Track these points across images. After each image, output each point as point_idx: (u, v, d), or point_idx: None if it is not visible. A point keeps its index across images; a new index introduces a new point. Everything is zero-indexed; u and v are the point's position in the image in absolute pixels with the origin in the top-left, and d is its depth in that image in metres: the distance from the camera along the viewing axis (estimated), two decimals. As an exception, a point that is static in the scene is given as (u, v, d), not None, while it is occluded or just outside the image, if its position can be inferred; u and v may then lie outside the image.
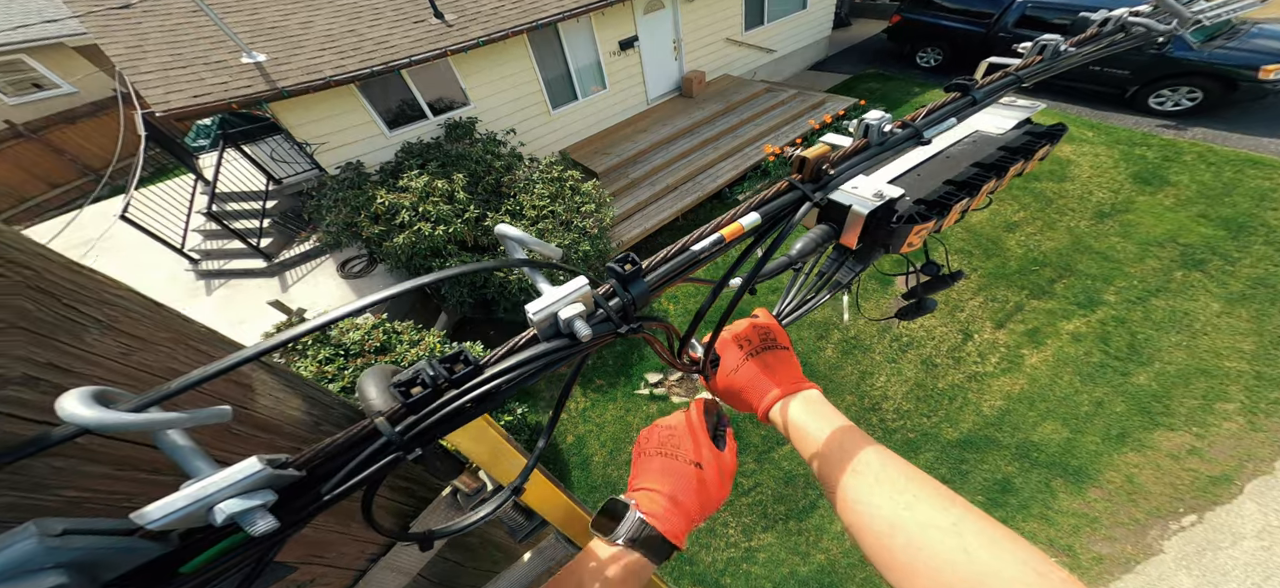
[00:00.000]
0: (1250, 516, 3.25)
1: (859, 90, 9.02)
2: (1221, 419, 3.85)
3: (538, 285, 0.49)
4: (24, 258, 0.38)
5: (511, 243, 0.51)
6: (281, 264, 6.84)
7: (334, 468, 0.39)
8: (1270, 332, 4.32)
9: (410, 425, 0.41)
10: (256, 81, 5.07)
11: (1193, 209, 5.71)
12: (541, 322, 0.46)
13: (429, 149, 6.08)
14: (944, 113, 0.76)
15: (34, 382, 0.36)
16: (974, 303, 5.25)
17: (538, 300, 0.46)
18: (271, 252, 6.95)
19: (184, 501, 0.31)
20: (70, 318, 0.40)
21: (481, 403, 0.43)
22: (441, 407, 0.42)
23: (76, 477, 0.38)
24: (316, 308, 5.62)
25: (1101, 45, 1.00)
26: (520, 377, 0.44)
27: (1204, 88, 7.01)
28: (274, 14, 5.90)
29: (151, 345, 0.46)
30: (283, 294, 6.42)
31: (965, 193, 0.80)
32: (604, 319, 0.49)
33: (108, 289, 0.44)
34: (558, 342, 0.46)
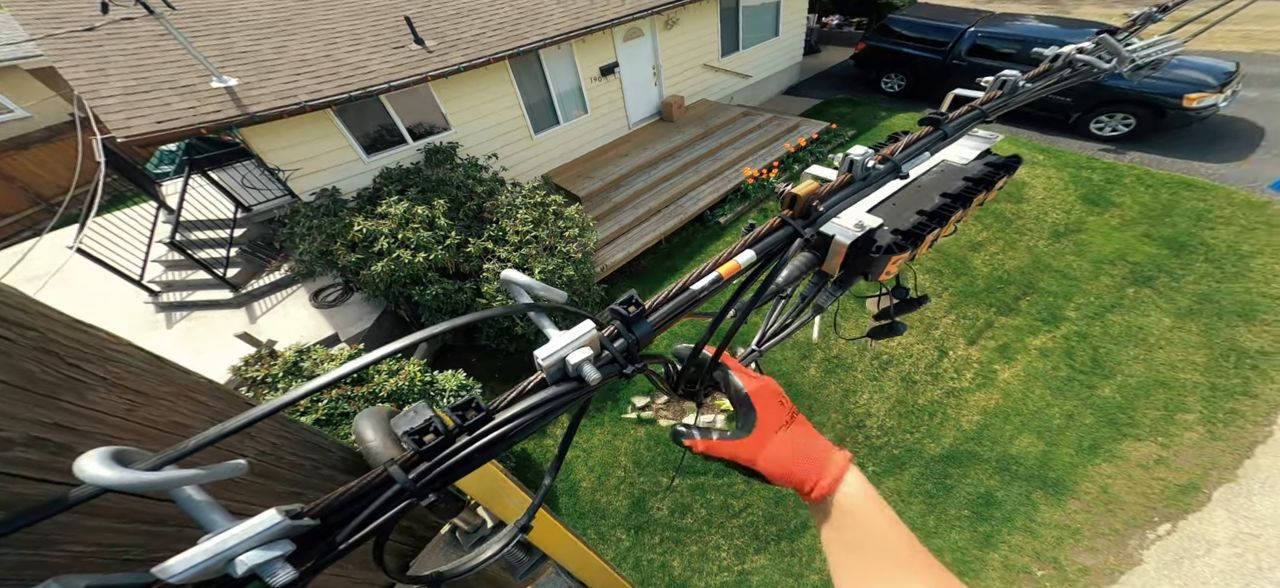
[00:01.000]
0: (1221, 523, 3.33)
1: (830, 114, 9.27)
2: (1183, 429, 3.98)
3: (545, 330, 0.49)
4: (28, 319, 0.39)
5: (517, 288, 0.51)
6: (249, 294, 6.47)
7: (347, 515, 0.39)
8: (1219, 345, 4.54)
9: (424, 472, 0.41)
10: (226, 106, 4.79)
11: (1137, 229, 6.02)
12: (551, 366, 0.46)
13: (408, 174, 5.87)
14: (919, 147, 0.78)
15: (39, 442, 0.36)
16: (947, 321, 5.34)
17: (547, 346, 0.46)
18: (239, 282, 6.56)
19: (205, 554, 0.31)
20: (73, 377, 0.40)
21: (493, 447, 0.43)
22: (455, 453, 0.42)
23: (81, 532, 0.39)
24: (287, 339, 5.26)
25: (1052, 80, 1.06)
26: (531, 421, 0.45)
27: (1137, 114, 7.48)
28: (246, 39, 5.63)
29: (154, 400, 0.46)
30: (250, 326, 6.07)
31: (936, 223, 0.83)
32: (610, 360, 0.49)
33: (110, 346, 0.45)
34: (566, 385, 0.47)
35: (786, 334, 0.97)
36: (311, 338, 5.54)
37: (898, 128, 7.34)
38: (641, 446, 4.71)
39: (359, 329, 5.77)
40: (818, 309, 0.96)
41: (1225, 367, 4.35)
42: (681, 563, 3.89)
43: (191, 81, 4.86)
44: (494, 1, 7.08)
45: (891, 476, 4.22)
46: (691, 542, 3.99)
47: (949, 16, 9.39)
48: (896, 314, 1.14)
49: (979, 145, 1.05)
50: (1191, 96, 6.91)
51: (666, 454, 4.59)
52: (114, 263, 5.92)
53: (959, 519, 3.83)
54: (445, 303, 5.15)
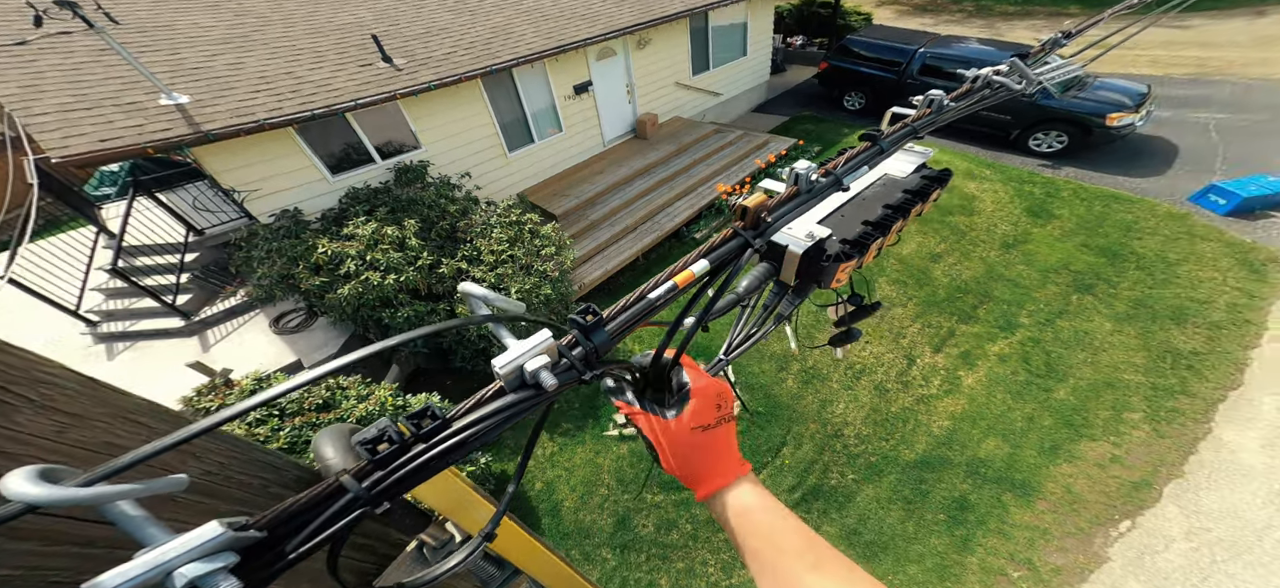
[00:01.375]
0: (1174, 519, 3.52)
1: (797, 131, 9.53)
2: (1131, 428, 4.21)
3: (503, 340, 0.50)
4: None
5: (475, 300, 0.51)
6: (202, 322, 6.04)
7: (297, 526, 0.39)
8: (1155, 347, 4.85)
9: (377, 481, 0.41)
10: (177, 124, 4.45)
11: (1076, 239, 6.42)
12: (507, 374, 0.46)
13: (377, 194, 5.61)
14: (858, 161, 0.83)
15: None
16: (913, 329, 5.51)
17: (504, 355, 0.46)
18: (190, 309, 6.11)
19: (141, 568, 0.30)
20: (1, 400, 0.39)
21: (450, 454, 0.43)
22: (410, 461, 0.42)
23: (3, 555, 0.38)
24: (244, 367, 4.93)
25: (974, 100, 1.14)
26: (489, 427, 0.45)
27: (1068, 132, 8.04)
28: (198, 55, 5.27)
29: (88, 422, 0.46)
30: (204, 355, 5.66)
31: (880, 232, 0.89)
32: (568, 368, 0.50)
33: (39, 367, 0.45)
34: (524, 392, 0.47)
35: (752, 343, 1.00)
36: (273, 365, 5.28)
37: (887, 125, 7.69)
38: (624, 462, 4.61)
39: (323, 355, 5.48)
40: (779, 317, 1.00)
41: (1163, 367, 4.65)
42: (669, 581, 3.82)
43: (137, 99, 4.48)
44: (466, 21, 6.92)
45: (871, 483, 4.27)
46: (678, 558, 3.92)
47: (901, 38, 9.87)
48: (852, 321, 1.21)
49: (916, 159, 1.11)
50: (1113, 116, 7.48)
51: (650, 468, 4.52)
52: (47, 293, 5.39)
53: (936, 524, 3.90)
54: (417, 325, 4.93)
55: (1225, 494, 3.58)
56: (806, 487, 4.30)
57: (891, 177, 1.08)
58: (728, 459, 0.61)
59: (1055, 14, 15.63)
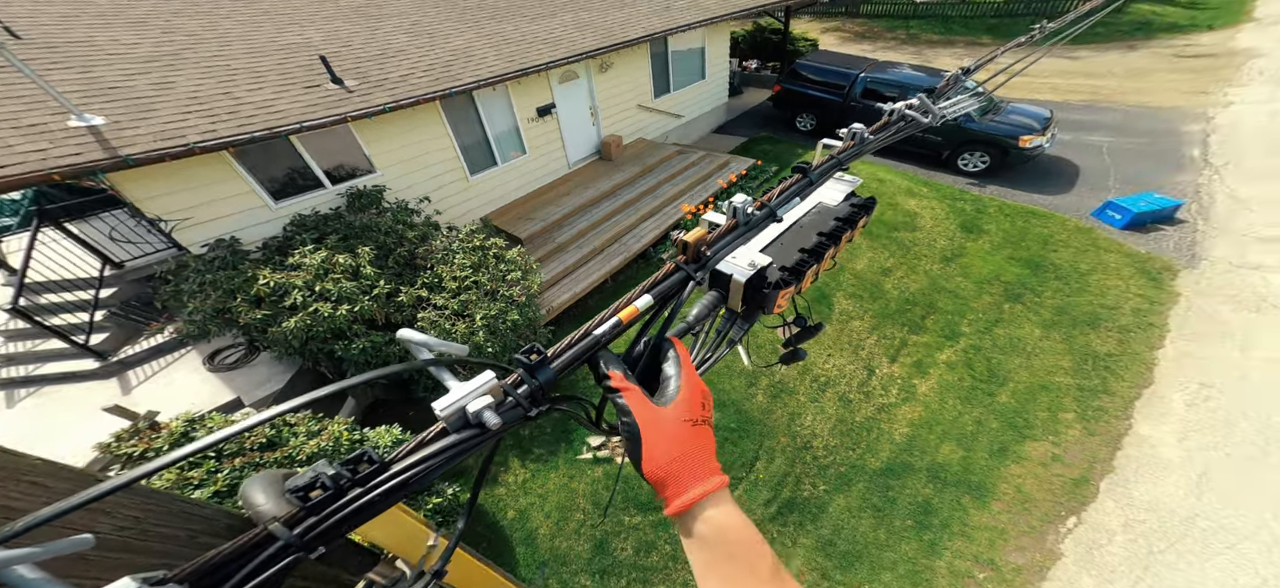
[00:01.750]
0: (1112, 512, 3.80)
1: (756, 151, 9.81)
2: (1066, 427, 4.55)
3: (445, 383, 0.50)
4: None
5: (416, 346, 0.51)
6: (122, 363, 5.41)
7: (223, 577, 0.38)
8: (1078, 350, 5.29)
9: (311, 526, 0.40)
10: (89, 148, 3.92)
11: (1004, 253, 6.95)
12: (449, 415, 0.47)
13: (327, 221, 5.22)
14: (790, 192, 0.87)
15: None
16: (870, 341, 5.72)
17: (445, 397, 0.47)
18: (107, 349, 5.44)
19: None
20: None
21: (391, 496, 0.42)
22: (345, 506, 0.41)
23: None
24: (174, 409, 4.36)
25: (890, 131, 1.22)
26: (431, 468, 0.45)
27: (989, 152, 8.75)
28: (115, 74, 4.70)
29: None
30: (124, 397, 5.07)
31: (814, 259, 0.92)
32: (514, 406, 0.50)
33: None
34: (468, 432, 0.47)
35: (708, 366, 1.01)
36: (207, 405, 4.82)
37: (821, 155, 7.90)
38: (600, 485, 4.48)
39: (268, 391, 5.05)
40: (731, 343, 1.02)
41: (1086, 369, 5.08)
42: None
43: (42, 120, 3.93)
44: (424, 43, 6.63)
45: (842, 493, 4.35)
46: (658, 580, 3.84)
47: (844, 63, 10.45)
48: (798, 342, 1.25)
49: (846, 188, 1.16)
50: (1024, 138, 8.22)
51: (626, 492, 4.41)
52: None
53: (905, 531, 4.01)
54: (375, 357, 4.58)
55: (1151, 487, 3.92)
56: (781, 500, 4.32)
57: (825, 205, 1.13)
58: (710, 464, 0.56)
59: (972, 43, 17.15)
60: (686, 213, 7.22)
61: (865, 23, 20.82)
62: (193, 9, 6.14)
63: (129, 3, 5.92)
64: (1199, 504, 3.71)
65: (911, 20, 20.13)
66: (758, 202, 0.81)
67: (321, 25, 6.50)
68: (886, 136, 1.20)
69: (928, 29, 19.03)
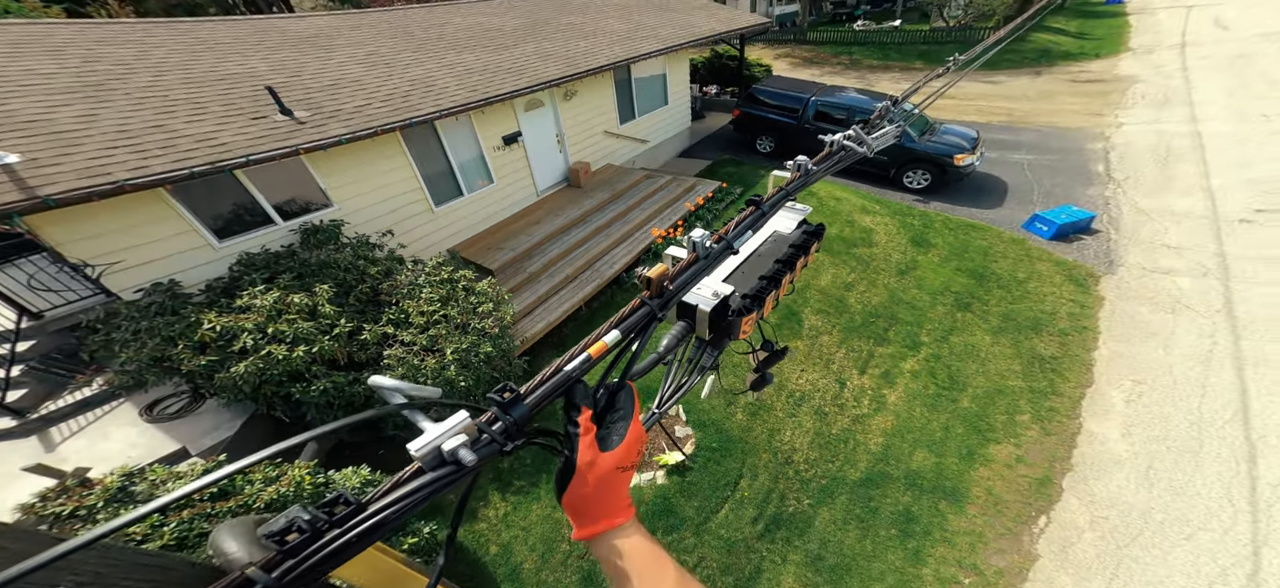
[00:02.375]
0: (1077, 510, 3.91)
1: (721, 174, 9.94)
2: (1024, 429, 4.70)
3: (419, 424, 0.50)
4: None
5: (388, 392, 0.49)
6: (44, 419, 4.79)
7: None
8: (1025, 354, 5.54)
9: (288, 570, 0.40)
10: (3, 189, 3.41)
11: (951, 264, 7.27)
12: (425, 455, 0.47)
13: (279, 259, 4.80)
14: (744, 226, 0.89)
15: None
16: (840, 354, 5.78)
17: (420, 438, 0.47)
18: (26, 405, 4.82)
19: None
20: None
21: (369, 536, 0.43)
22: (323, 548, 0.41)
23: None
24: (109, 464, 3.86)
25: (832, 162, 1.28)
26: (407, 507, 0.45)
27: (930, 170, 9.24)
28: (33, 107, 4.14)
29: None
30: (48, 455, 4.52)
31: (773, 285, 0.96)
32: (489, 442, 0.50)
33: None
34: (444, 470, 0.47)
35: (682, 393, 1.06)
36: (145, 457, 4.37)
37: (773, 186, 7.99)
38: None
39: (217, 439, 4.59)
40: (702, 369, 1.04)
41: (1034, 372, 5.31)
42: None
43: (-69, 162, 3.36)
44: (381, 73, 6.30)
45: (825, 506, 4.30)
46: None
47: (796, 88, 10.85)
48: (765, 367, 1.26)
49: (797, 216, 1.19)
50: (959, 157, 8.75)
51: None
52: None
53: (889, 540, 3.98)
54: (337, 398, 4.25)
55: (1107, 483, 4.08)
56: (768, 517, 4.23)
57: (779, 233, 1.16)
58: (619, 502, 0.63)
59: (906, 68, 18.36)
60: (657, 237, 7.15)
61: (813, 49, 22.01)
62: (119, 38, 5.56)
63: (45, 30, 5.29)
64: (1152, 497, 3.89)
65: (853, 47, 21.44)
66: (715, 235, 0.83)
67: (267, 55, 6.05)
68: (829, 166, 1.26)
69: (867, 55, 20.28)
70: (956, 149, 8.81)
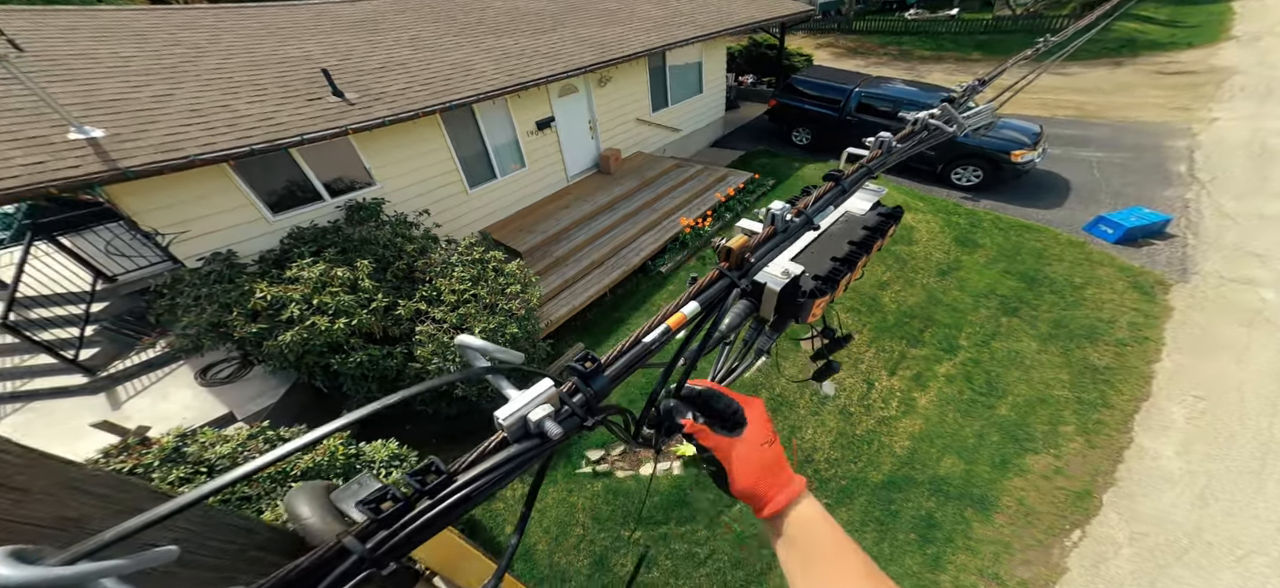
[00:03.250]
0: (1117, 526, 3.80)
1: (753, 165, 9.92)
2: (1067, 440, 4.56)
3: (504, 391, 0.49)
4: None
5: (472, 352, 0.50)
6: (112, 378, 5.34)
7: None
8: (1075, 363, 5.33)
9: (382, 541, 0.40)
10: (88, 161, 3.92)
11: (999, 266, 7.03)
12: (511, 425, 0.46)
13: (325, 234, 5.21)
14: (825, 201, 0.90)
15: None
16: (869, 354, 5.74)
17: (507, 406, 0.46)
18: (97, 364, 5.38)
19: None
20: None
21: (455, 509, 0.42)
22: (416, 518, 0.41)
23: None
24: (167, 424, 4.32)
25: (914, 141, 1.25)
26: (495, 480, 0.44)
27: (982, 167, 8.88)
28: (117, 86, 4.71)
29: (33, 497, 0.42)
30: (114, 413, 4.98)
31: (847, 267, 0.94)
32: (570, 415, 0.50)
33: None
34: (528, 442, 0.46)
35: (734, 377, 1.03)
36: (198, 420, 4.81)
37: (808, 178, 7.89)
38: (599, 500, 4.44)
39: (261, 406, 5.01)
40: (759, 352, 1.02)
41: (1084, 382, 5.11)
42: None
43: (42, 133, 3.92)
44: (425, 57, 6.70)
45: (843, 507, 4.32)
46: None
47: (839, 78, 10.63)
48: (829, 353, 1.24)
49: (871, 197, 1.16)
50: (1017, 153, 8.37)
51: (626, 506, 4.37)
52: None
53: (908, 544, 3.99)
54: (372, 370, 4.58)
55: (1156, 500, 3.93)
56: (782, 517, 4.28)
57: (852, 214, 1.13)
58: (787, 473, 0.64)
59: (962, 60, 17.53)
60: (685, 226, 7.27)
61: (858, 38, 21.30)
62: (196, 23, 6.18)
63: (132, 16, 5.94)
64: (1203, 517, 3.72)
65: (903, 36, 20.60)
66: (794, 208, 0.82)
67: (322, 39, 6.56)
68: (912, 146, 1.22)
69: (919, 45, 19.47)
70: (1014, 145, 8.43)
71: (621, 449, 4.95)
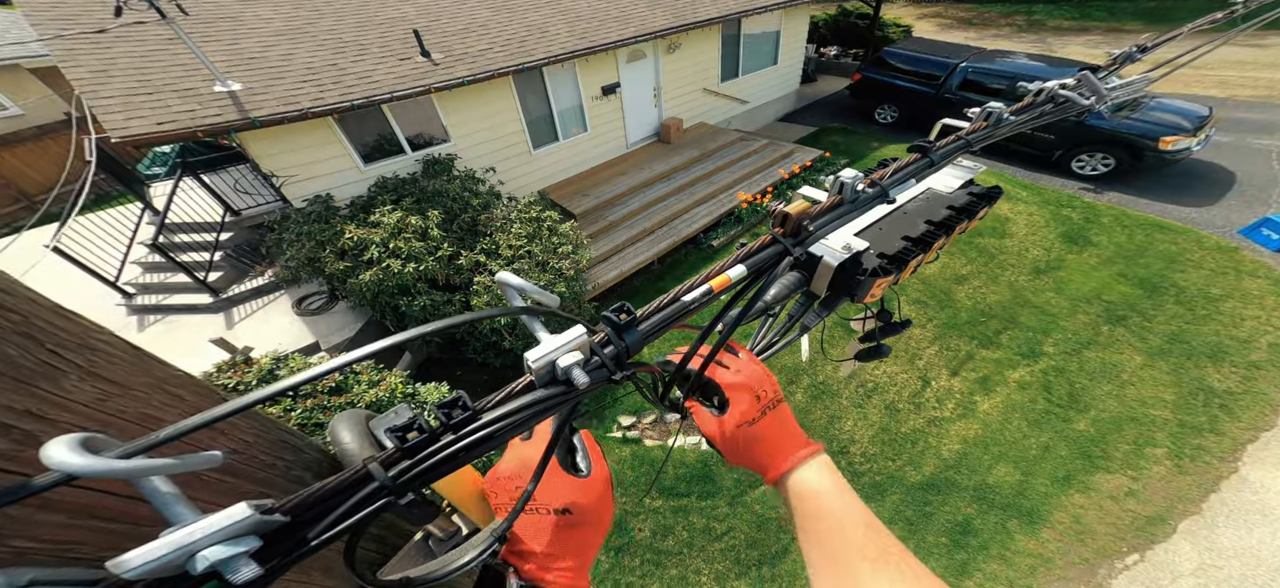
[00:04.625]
0: (1186, 554, 3.54)
1: (824, 142, 9.65)
2: (1152, 463, 4.22)
3: (536, 333, 0.50)
4: (13, 302, 0.37)
5: (512, 291, 0.52)
6: (230, 300, 6.49)
7: (321, 513, 0.38)
8: (1188, 383, 4.82)
9: (404, 470, 0.41)
10: (227, 110, 4.93)
11: (1113, 269, 6.36)
12: (539, 369, 0.47)
13: (405, 184, 5.99)
14: (906, 173, 0.82)
15: (7, 429, 0.35)
16: (930, 351, 5.58)
17: (537, 348, 0.47)
18: (220, 286, 6.60)
19: (166, 548, 0.30)
20: (51, 364, 0.38)
21: (477, 447, 0.43)
22: (438, 451, 0.42)
23: (28, 526, 0.36)
24: (265, 346, 5.29)
25: (1034, 113, 1.12)
26: (518, 422, 0.45)
27: (1115, 155, 7.87)
28: (255, 45, 5.80)
29: (128, 392, 0.44)
30: (228, 332, 6.07)
31: (920, 249, 0.88)
32: (599, 366, 0.50)
33: (93, 334, 0.43)
34: (555, 389, 0.47)
35: (772, 352, 0.99)
36: (291, 346, 5.61)
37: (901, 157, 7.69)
38: (625, 465, 4.77)
39: (341, 338, 5.82)
40: (803, 328, 0.99)
41: (1194, 405, 4.62)
42: (660, 587, 3.94)
43: (195, 85, 5.00)
44: (505, 19, 7.34)
45: (873, 502, 4.35)
46: (672, 565, 4.03)
47: (942, 51, 9.89)
48: (881, 337, 1.18)
49: (963, 175, 1.09)
50: (1167, 139, 7.29)
51: (651, 475, 4.65)
52: (90, 263, 5.93)
53: (937, 546, 3.99)
54: (433, 315, 5.17)
55: (1243, 534, 3.58)
56: (808, 500, 4.41)
57: (935, 192, 1.06)
58: (786, 444, 0.64)
59: (1113, 30, 15.28)
60: (742, 201, 7.37)
61: (974, 8, 19.23)
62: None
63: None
64: (1299, 558, 3.34)
65: (1035, 5, 18.24)
66: (868, 179, 0.78)
67: (415, 1, 7.41)
68: (1028, 118, 1.10)
69: (1056, 15, 17.18)
70: (1167, 130, 7.32)
71: (653, 418, 5.23)
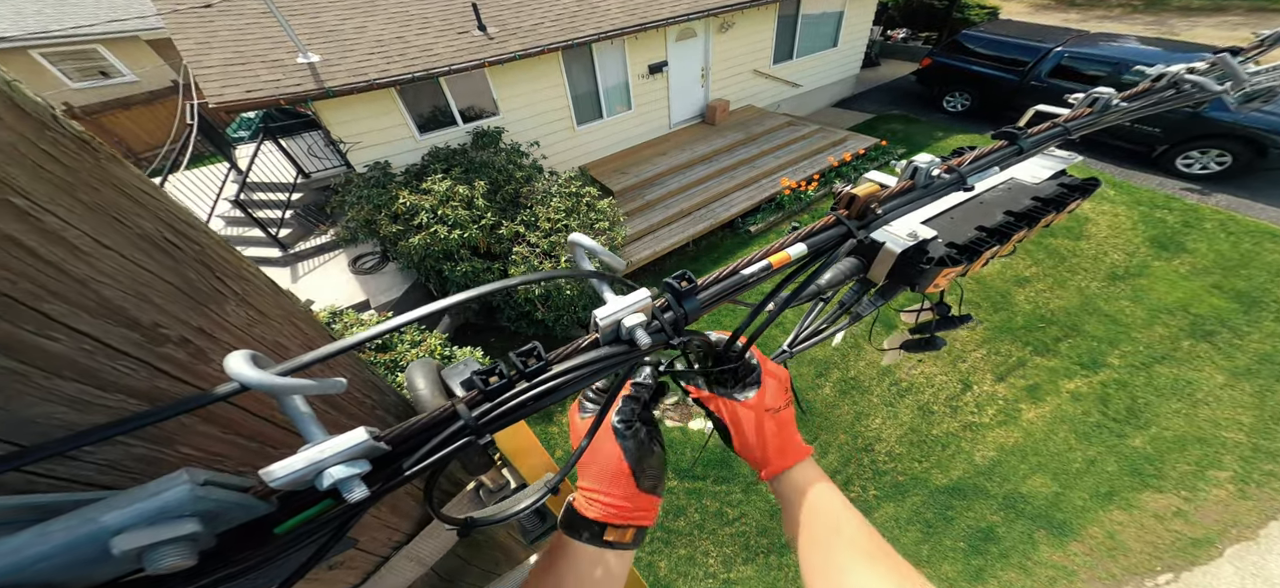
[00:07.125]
0: (1227, 578, 3.44)
1: (882, 130, 9.45)
2: (1212, 486, 4.04)
3: (603, 294, 0.54)
4: (194, 232, 0.43)
5: (582, 252, 0.56)
6: (296, 255, 7.36)
7: (413, 446, 0.44)
8: (1271, 407, 4.52)
9: (485, 412, 0.46)
10: (306, 80, 5.64)
11: (1207, 279, 5.93)
12: (606, 327, 0.51)
13: (455, 155, 6.50)
14: (989, 161, 0.81)
15: (186, 344, 0.40)
16: (976, 355, 5.50)
17: (605, 307, 0.52)
18: (289, 242, 7.49)
19: (303, 463, 0.34)
20: (219, 290, 0.44)
21: (546, 397, 0.48)
22: (514, 396, 0.47)
23: (192, 435, 0.41)
24: (324, 300, 5.89)
25: (1151, 101, 1.05)
26: (583, 375, 0.49)
27: (1234, 151, 7.20)
28: (334, 17, 6.56)
29: (268, 320, 0.51)
30: (292, 284, 6.88)
31: (996, 240, 0.85)
32: (658, 330, 0.54)
33: (245, 266, 0.50)
34: (619, 347, 0.52)
35: (820, 339, 1.00)
36: (345, 302, 6.22)
37: (952, 150, 7.55)
38: None
39: (389, 298, 6.41)
40: (855, 316, 0.98)
41: (1274, 430, 4.35)
42: (668, 565, 4.14)
43: (281, 56, 5.79)
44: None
45: (892, 502, 4.41)
46: (681, 545, 4.24)
47: (1033, 35, 9.35)
48: (937, 330, 1.14)
49: (1054, 165, 1.04)
50: (1305, 137, 6.64)
51: (670, 455, 4.89)
52: (184, 215, 7.00)
53: (953, 551, 4.05)
54: (473, 281, 5.55)
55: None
56: (826, 492, 4.55)
57: (1018, 182, 1.02)
58: (794, 440, 0.69)
59: (1255, 10, 13.63)
60: (785, 187, 7.45)
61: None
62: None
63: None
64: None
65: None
66: (945, 164, 0.77)
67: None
68: (1141, 107, 1.04)
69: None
70: None
71: (675, 400, 5.48)
